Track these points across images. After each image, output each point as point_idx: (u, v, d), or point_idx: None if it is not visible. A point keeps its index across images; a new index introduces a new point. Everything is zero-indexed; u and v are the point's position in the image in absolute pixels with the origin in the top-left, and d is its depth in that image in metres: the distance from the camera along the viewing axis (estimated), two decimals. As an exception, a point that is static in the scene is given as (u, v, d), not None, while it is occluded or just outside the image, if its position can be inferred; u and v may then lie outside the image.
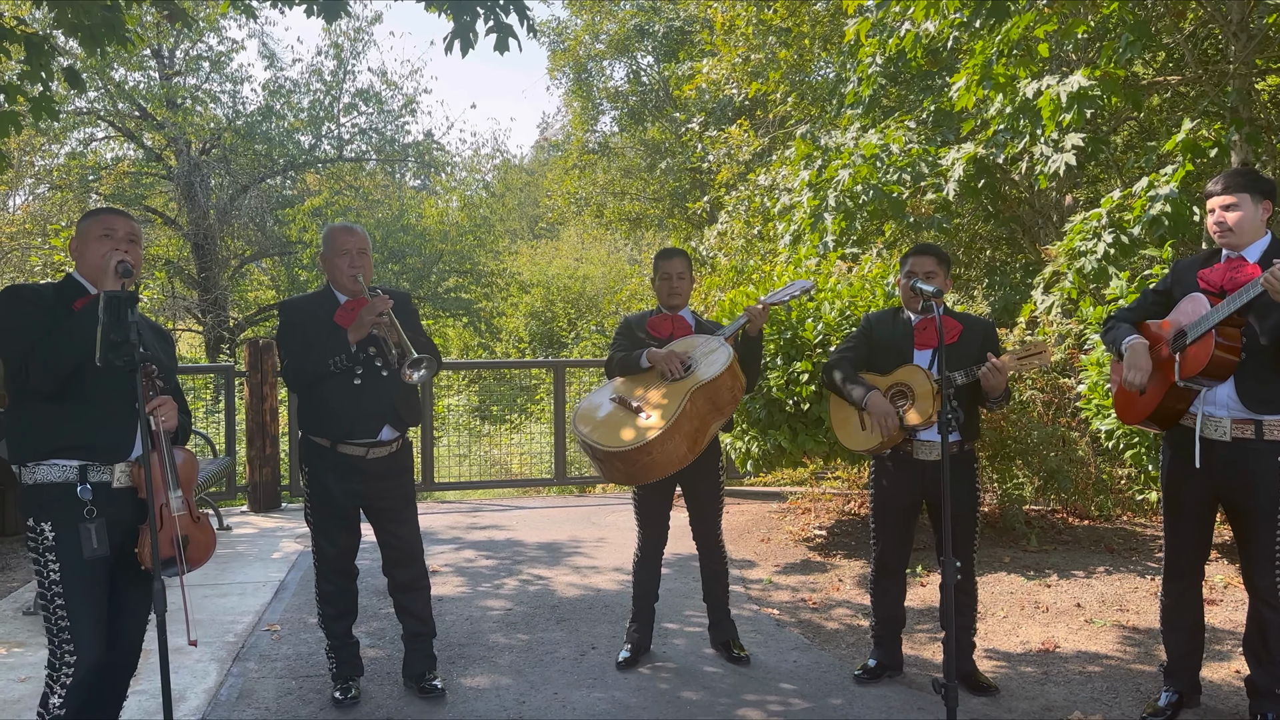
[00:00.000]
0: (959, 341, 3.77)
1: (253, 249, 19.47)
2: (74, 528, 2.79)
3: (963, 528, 3.77)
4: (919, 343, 3.81)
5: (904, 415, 3.71)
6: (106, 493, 2.85)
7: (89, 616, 2.82)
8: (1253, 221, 3.29)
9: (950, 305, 3.94)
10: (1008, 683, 4.00)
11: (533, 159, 34.02)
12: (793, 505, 7.42)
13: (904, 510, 3.91)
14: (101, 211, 2.98)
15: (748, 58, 13.02)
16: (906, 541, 3.98)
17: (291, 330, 3.71)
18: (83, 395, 2.81)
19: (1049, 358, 3.65)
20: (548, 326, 20.68)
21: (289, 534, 6.72)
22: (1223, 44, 7.79)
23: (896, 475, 3.88)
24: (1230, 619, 4.65)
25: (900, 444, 3.82)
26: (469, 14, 4.55)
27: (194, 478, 2.98)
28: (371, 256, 3.76)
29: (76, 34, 5.09)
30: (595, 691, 3.95)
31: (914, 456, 3.80)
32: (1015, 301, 8.56)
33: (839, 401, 4.01)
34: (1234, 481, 3.31)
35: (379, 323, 3.56)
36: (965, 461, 3.80)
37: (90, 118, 17.45)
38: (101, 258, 2.84)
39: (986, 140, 7.44)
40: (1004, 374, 3.58)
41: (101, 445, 2.84)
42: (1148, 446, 5.38)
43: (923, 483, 3.80)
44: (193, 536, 2.93)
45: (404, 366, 3.48)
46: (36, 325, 2.76)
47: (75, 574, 2.81)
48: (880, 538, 3.98)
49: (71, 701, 2.84)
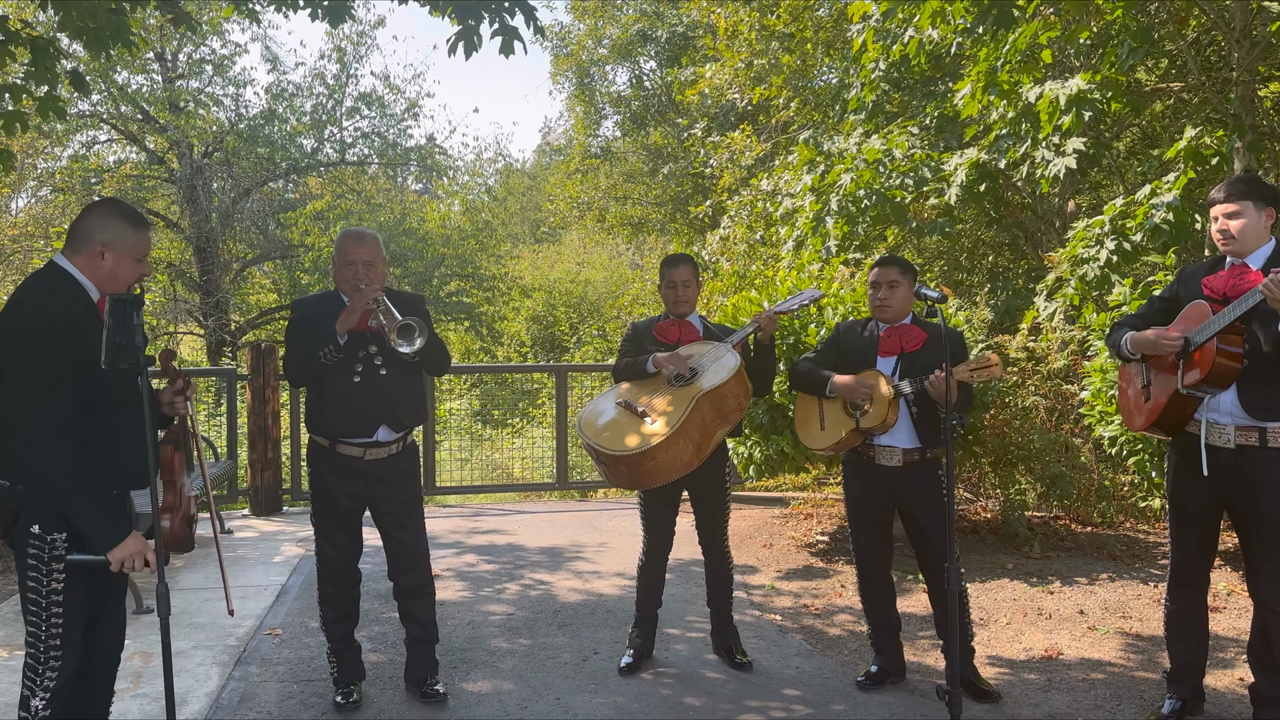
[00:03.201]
0: (921, 349, 3.84)
1: (255, 252, 19.47)
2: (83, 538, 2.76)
3: (935, 535, 3.79)
4: (883, 350, 3.90)
5: (860, 419, 3.76)
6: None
7: (79, 626, 2.81)
8: (1256, 229, 3.29)
9: (916, 314, 3.99)
10: (1011, 690, 3.99)
11: (535, 163, 34.02)
12: (795, 510, 7.41)
13: (875, 516, 3.97)
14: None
15: (750, 63, 13.03)
16: (884, 546, 4.03)
17: (298, 326, 3.73)
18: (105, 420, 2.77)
19: (1001, 372, 3.71)
20: (549, 331, 20.67)
21: (290, 538, 6.71)
22: (1225, 51, 7.79)
23: (864, 480, 3.96)
24: (1234, 626, 4.64)
25: (861, 449, 3.89)
26: (474, 17, 4.56)
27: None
28: (382, 264, 3.73)
29: (81, 37, 5.09)
30: (597, 697, 3.94)
31: (876, 461, 3.86)
32: (1017, 307, 8.56)
33: (801, 403, 4.11)
34: (1239, 489, 3.31)
35: (371, 309, 3.56)
36: (929, 468, 3.85)
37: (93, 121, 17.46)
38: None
39: (989, 145, 7.44)
40: (940, 386, 3.56)
41: (127, 478, 2.83)
42: (1151, 453, 5.37)
43: (889, 487, 3.87)
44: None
45: (395, 339, 3.48)
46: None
47: (77, 584, 2.78)
48: (857, 544, 4.05)
49: (55, 703, 2.82)
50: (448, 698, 3.89)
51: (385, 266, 3.79)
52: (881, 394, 3.75)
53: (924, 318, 3.93)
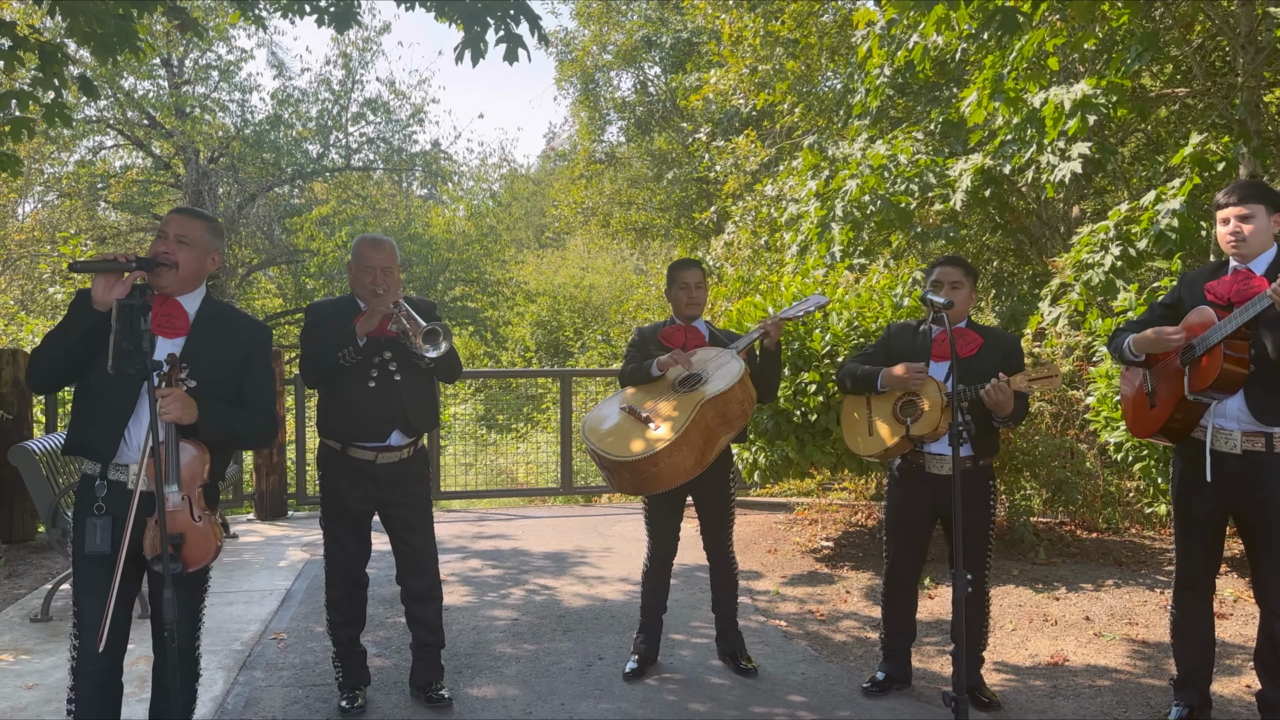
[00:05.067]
0: (977, 355, 3.73)
1: (260, 257, 19.53)
2: (83, 520, 2.86)
3: (976, 543, 3.74)
4: (935, 354, 3.78)
5: (911, 426, 3.69)
6: (120, 492, 2.86)
7: (92, 608, 2.84)
8: (1264, 234, 3.29)
9: (970, 317, 3.91)
10: (1017, 696, 3.98)
11: (539, 169, 34.07)
12: (799, 516, 7.40)
13: (917, 525, 3.89)
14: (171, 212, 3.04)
15: (755, 68, 13.05)
16: (918, 556, 3.95)
17: (313, 329, 3.76)
18: (88, 395, 2.90)
19: (1059, 381, 3.61)
20: (554, 336, 20.70)
21: (295, 542, 6.72)
22: (1230, 56, 7.78)
23: (909, 489, 3.86)
24: (1240, 633, 4.63)
25: (911, 457, 3.81)
26: (479, 24, 4.57)
27: (199, 474, 2.93)
28: (396, 268, 3.76)
29: (89, 42, 5.13)
30: (602, 702, 3.94)
31: (926, 470, 3.78)
32: (1022, 312, 8.54)
33: (849, 406, 3.99)
34: (1245, 494, 3.30)
35: (392, 314, 3.58)
36: (980, 477, 3.76)
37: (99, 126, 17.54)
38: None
39: (994, 151, 7.45)
40: (1006, 393, 3.53)
41: (93, 446, 2.89)
42: (1156, 459, 5.36)
43: (936, 498, 3.76)
44: (188, 535, 2.85)
45: (421, 343, 3.51)
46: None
47: (83, 565, 2.88)
48: (892, 551, 3.95)
49: (81, 689, 2.90)
50: (453, 703, 3.89)
51: (398, 271, 3.83)
52: (936, 401, 3.62)
53: (933, 323, 3.84)
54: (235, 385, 3.04)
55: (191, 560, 2.87)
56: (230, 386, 3.03)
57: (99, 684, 2.93)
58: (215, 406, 2.92)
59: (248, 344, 3.08)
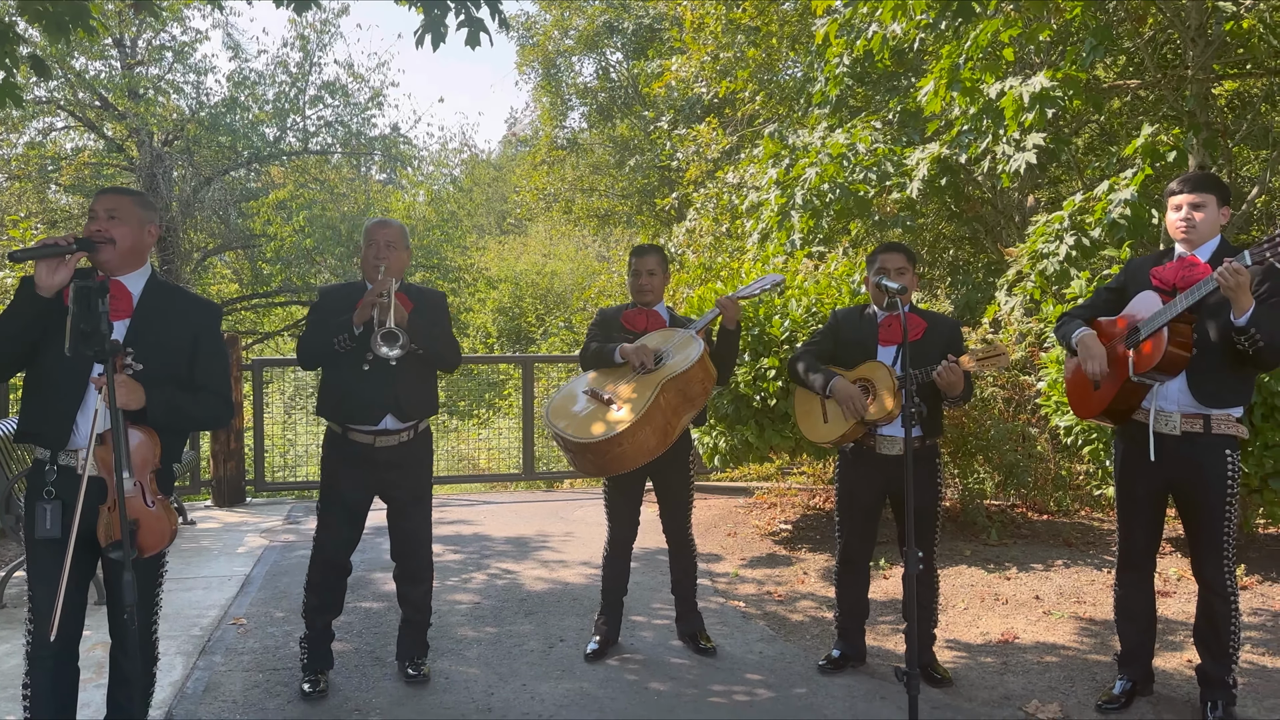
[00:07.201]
0: (922, 339, 3.83)
1: (216, 242, 19.24)
2: (34, 505, 2.86)
3: (924, 521, 3.85)
4: (883, 339, 3.88)
5: (866, 409, 3.77)
6: (70, 477, 2.85)
7: (46, 595, 2.83)
8: (1213, 223, 3.39)
9: (915, 303, 4.00)
10: (968, 672, 4.08)
11: (501, 154, 33.90)
12: (759, 500, 7.49)
13: (868, 505, 3.99)
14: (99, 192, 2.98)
15: (716, 56, 13.09)
16: (870, 536, 4.05)
17: (318, 310, 3.81)
18: (38, 383, 2.88)
19: (1008, 360, 3.72)
20: (515, 322, 20.65)
21: (254, 529, 6.68)
22: (1181, 49, 7.95)
23: (861, 470, 3.95)
24: (1183, 610, 4.77)
25: (863, 439, 3.89)
26: (439, 7, 4.55)
27: (150, 460, 2.89)
28: (403, 250, 3.81)
29: (40, 21, 5.02)
30: (563, 683, 3.98)
31: (877, 451, 3.87)
32: (978, 300, 8.69)
33: (803, 395, 4.08)
34: (1184, 474, 3.41)
35: (379, 303, 3.60)
36: (928, 457, 3.88)
37: (50, 107, 17.14)
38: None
39: (950, 140, 7.55)
40: (958, 374, 3.63)
41: (43, 433, 2.88)
42: (1105, 442, 5.50)
43: (886, 478, 3.87)
44: (141, 521, 2.83)
45: (378, 339, 3.55)
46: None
47: (36, 551, 2.88)
48: (845, 531, 4.05)
49: (36, 676, 2.89)
50: (429, 680, 3.93)
51: (408, 257, 3.87)
52: (887, 385, 3.73)
53: (886, 309, 3.93)
54: (185, 367, 3.02)
55: (146, 546, 2.85)
56: (180, 369, 3.00)
57: (54, 670, 2.91)
58: (163, 389, 2.89)
59: (196, 324, 3.05)
